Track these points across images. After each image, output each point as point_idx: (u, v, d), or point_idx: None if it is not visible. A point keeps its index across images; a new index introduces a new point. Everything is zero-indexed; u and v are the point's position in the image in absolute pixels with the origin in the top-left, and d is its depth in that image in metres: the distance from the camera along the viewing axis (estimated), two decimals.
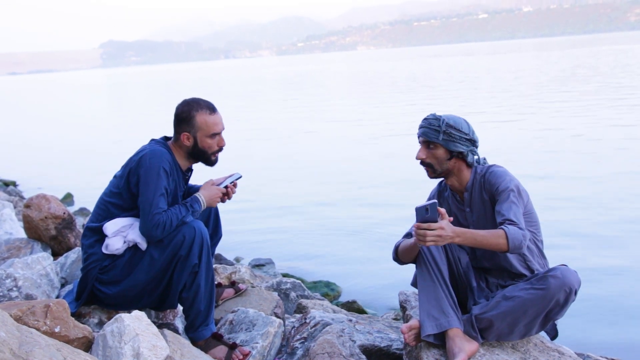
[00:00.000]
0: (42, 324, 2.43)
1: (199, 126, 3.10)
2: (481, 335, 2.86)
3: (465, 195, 3.06)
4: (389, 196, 9.07)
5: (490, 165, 3.04)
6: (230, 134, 3.23)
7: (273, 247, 7.22)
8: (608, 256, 6.11)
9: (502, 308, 2.80)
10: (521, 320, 2.79)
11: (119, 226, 3.06)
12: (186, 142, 3.13)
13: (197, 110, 3.10)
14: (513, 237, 2.69)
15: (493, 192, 2.92)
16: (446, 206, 3.14)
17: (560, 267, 2.79)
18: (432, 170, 3.04)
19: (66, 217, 4.65)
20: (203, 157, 3.18)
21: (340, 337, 3.21)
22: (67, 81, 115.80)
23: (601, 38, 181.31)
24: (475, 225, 3.03)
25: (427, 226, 2.63)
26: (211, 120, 3.12)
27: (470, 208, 3.05)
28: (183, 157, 3.19)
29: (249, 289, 3.90)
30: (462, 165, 3.02)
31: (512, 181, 2.91)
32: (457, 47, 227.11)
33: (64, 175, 12.71)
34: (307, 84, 46.17)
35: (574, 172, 9.68)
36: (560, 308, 2.76)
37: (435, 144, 2.98)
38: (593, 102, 18.72)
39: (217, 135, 3.15)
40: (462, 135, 2.96)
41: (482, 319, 2.84)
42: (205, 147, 3.13)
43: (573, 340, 4.06)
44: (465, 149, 2.97)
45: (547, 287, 2.71)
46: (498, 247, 2.72)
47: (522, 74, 36.17)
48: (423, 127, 3.02)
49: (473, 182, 3.02)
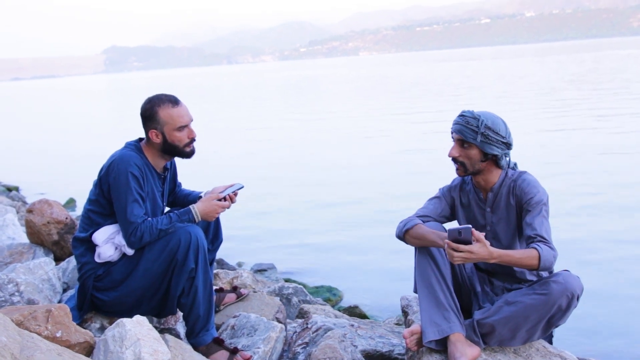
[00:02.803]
0: (44, 328, 2.43)
1: (165, 121, 3.06)
2: (483, 340, 2.85)
3: (490, 195, 3.00)
4: (395, 200, 9.05)
5: (523, 171, 2.98)
6: (234, 139, 3.26)
7: (276, 252, 7.21)
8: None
9: (504, 313, 2.79)
10: (523, 325, 2.78)
11: (108, 234, 3.06)
12: (155, 139, 3.09)
13: (159, 106, 3.07)
14: (545, 259, 2.65)
15: (524, 200, 2.86)
16: (466, 200, 3.10)
17: (562, 272, 2.78)
18: (463, 169, 2.95)
19: (68, 222, 4.66)
20: (176, 151, 3.13)
21: (342, 342, 3.21)
22: (70, 86, 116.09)
23: (604, 43, 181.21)
24: (492, 226, 3.00)
25: (455, 246, 2.60)
26: (175, 113, 3.07)
27: (491, 209, 3.01)
28: (157, 155, 3.15)
29: (250, 294, 3.89)
30: (492, 167, 2.95)
31: (544, 193, 2.86)
32: (459, 52, 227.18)
33: (66, 180, 12.71)
34: (310, 88, 46.23)
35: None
36: (562, 313, 2.74)
37: (470, 144, 2.88)
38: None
39: (184, 127, 3.10)
40: (499, 138, 2.86)
41: (484, 324, 2.82)
42: (175, 141, 3.09)
43: (574, 344, 4.05)
44: (500, 152, 2.89)
45: (549, 292, 2.70)
46: (529, 267, 2.69)
47: (534, 78, 36.06)
48: (459, 124, 2.89)
49: (501, 184, 2.96)
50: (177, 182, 3.51)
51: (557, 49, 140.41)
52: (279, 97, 38.56)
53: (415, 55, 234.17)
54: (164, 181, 3.28)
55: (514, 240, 2.97)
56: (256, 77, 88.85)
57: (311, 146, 15.43)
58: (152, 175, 3.14)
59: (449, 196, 3.15)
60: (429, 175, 10.38)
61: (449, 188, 3.17)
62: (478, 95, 26.61)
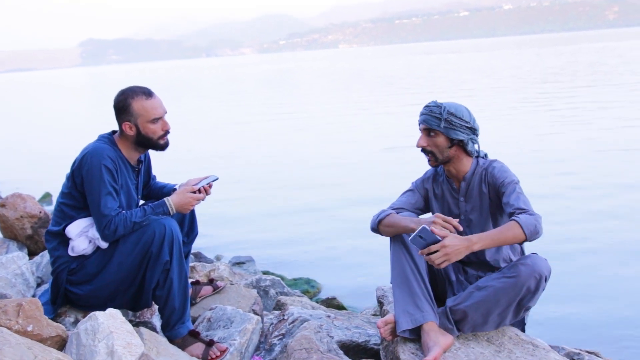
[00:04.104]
0: (14, 322, 2.41)
1: (138, 113, 3.05)
2: (457, 327, 2.88)
3: (462, 184, 3.05)
4: (373, 192, 9.06)
5: (493, 160, 3.04)
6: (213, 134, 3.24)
7: (254, 245, 7.19)
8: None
9: (475, 298, 2.82)
10: (494, 309, 2.81)
11: (82, 227, 3.04)
12: (129, 132, 3.07)
13: (132, 98, 3.05)
14: (526, 224, 2.66)
15: (497, 185, 2.92)
16: (439, 191, 3.13)
17: (531, 255, 2.83)
18: (434, 159, 3.01)
19: (42, 216, 4.61)
20: (150, 143, 3.11)
21: (318, 332, 3.22)
22: (46, 80, 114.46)
23: (581, 36, 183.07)
24: (467, 214, 3.05)
25: (427, 251, 2.61)
26: (149, 104, 3.06)
27: (464, 198, 3.05)
28: (131, 148, 3.13)
29: (227, 287, 3.89)
30: (461, 154, 3.01)
31: (515, 176, 2.93)
32: (439, 45, 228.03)
33: (42, 175, 12.55)
34: (289, 82, 46.10)
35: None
36: (532, 295, 2.78)
37: (435, 131, 2.95)
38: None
39: (158, 119, 3.09)
40: (462, 123, 2.94)
41: (456, 310, 2.86)
42: (149, 133, 3.07)
43: (547, 332, 4.10)
44: (466, 137, 2.95)
45: (517, 275, 2.73)
46: (516, 239, 2.69)
47: (517, 71, 36.23)
48: (424, 114, 2.98)
49: (473, 172, 3.02)
50: (151, 174, 3.48)
51: (536, 41, 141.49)
52: (257, 91, 38.37)
53: (395, 48, 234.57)
54: (138, 174, 3.26)
55: (488, 228, 3.01)
56: (235, 70, 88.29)
57: (289, 141, 15.39)
58: (126, 168, 3.12)
59: (422, 188, 3.18)
60: (407, 167, 10.42)
61: (422, 180, 3.21)
62: (461, 88, 26.68)
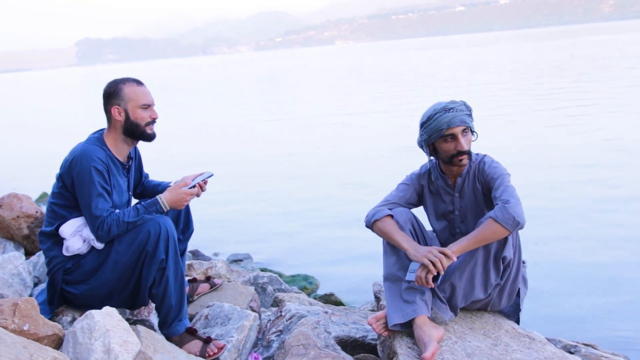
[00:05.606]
0: (10, 322, 2.41)
1: (129, 97, 3.07)
2: (450, 305, 2.90)
3: (459, 180, 3.03)
4: (371, 188, 9.07)
5: (484, 155, 3.04)
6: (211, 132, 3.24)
7: (252, 242, 7.21)
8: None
9: (454, 265, 2.83)
10: (476, 269, 2.83)
11: (75, 226, 3.03)
12: (118, 117, 3.07)
13: (124, 83, 3.09)
14: (503, 218, 2.68)
15: (488, 181, 2.92)
16: (434, 187, 3.11)
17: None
18: (469, 157, 2.95)
19: (39, 216, 4.60)
20: (138, 130, 3.10)
21: (315, 328, 3.23)
22: (42, 80, 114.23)
23: (578, 29, 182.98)
24: (461, 210, 3.04)
25: (424, 274, 2.72)
26: (140, 90, 3.10)
27: (459, 194, 3.04)
28: (119, 141, 3.12)
29: (224, 284, 3.89)
30: None
31: (504, 169, 2.93)
32: (435, 40, 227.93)
33: (39, 175, 12.53)
34: (286, 80, 46.04)
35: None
36: (504, 242, 2.78)
37: (469, 129, 2.93)
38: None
39: (148, 106, 3.11)
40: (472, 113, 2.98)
41: (444, 287, 2.88)
42: (137, 118, 3.08)
43: (543, 325, 4.11)
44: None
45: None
46: (498, 235, 2.72)
47: (518, 65, 36.15)
48: (459, 114, 2.87)
49: (469, 169, 3.01)
50: (143, 172, 3.48)
51: (532, 35, 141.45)
52: (254, 89, 38.35)
53: (392, 44, 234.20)
54: (128, 171, 3.26)
55: None
56: (231, 68, 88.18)
57: (286, 138, 15.39)
58: (116, 167, 3.12)
59: (418, 184, 3.16)
60: (404, 164, 10.43)
61: (417, 175, 3.18)
62: (466, 84, 26.62)
